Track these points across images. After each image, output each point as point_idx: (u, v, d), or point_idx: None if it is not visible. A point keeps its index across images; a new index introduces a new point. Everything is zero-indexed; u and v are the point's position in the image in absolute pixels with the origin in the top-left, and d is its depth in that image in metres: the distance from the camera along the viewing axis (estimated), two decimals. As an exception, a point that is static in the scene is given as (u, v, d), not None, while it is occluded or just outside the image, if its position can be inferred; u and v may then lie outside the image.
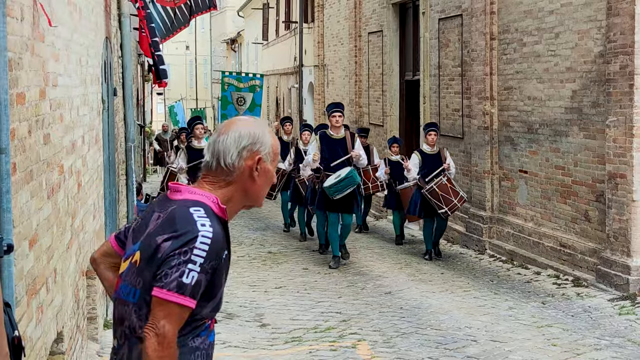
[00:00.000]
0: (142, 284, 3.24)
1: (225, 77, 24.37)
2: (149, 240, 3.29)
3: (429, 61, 18.24)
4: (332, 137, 14.21)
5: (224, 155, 3.33)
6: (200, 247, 3.17)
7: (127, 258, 3.41)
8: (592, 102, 12.18)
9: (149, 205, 3.57)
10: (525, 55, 14.13)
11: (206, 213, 3.26)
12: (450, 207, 14.42)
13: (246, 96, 23.73)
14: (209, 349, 3.37)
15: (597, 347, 8.86)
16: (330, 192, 13.51)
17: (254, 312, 10.81)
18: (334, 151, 14.07)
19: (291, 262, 14.64)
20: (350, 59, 24.21)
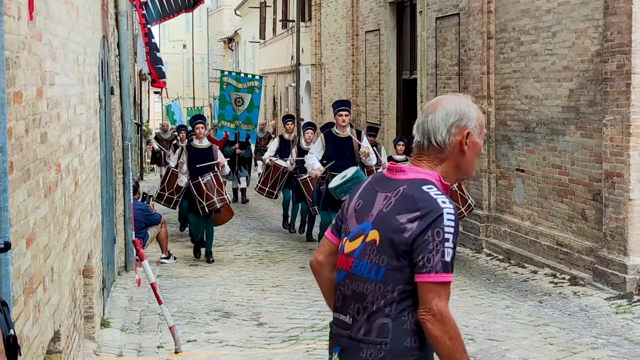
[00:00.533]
0: (387, 262, 3.47)
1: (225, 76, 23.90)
2: (387, 220, 3.49)
3: (426, 60, 18.24)
4: (338, 135, 13.86)
5: (434, 134, 3.52)
6: (448, 224, 3.39)
7: (354, 237, 3.62)
8: (589, 101, 12.19)
9: (366, 185, 3.73)
10: (523, 54, 14.14)
11: (438, 190, 3.48)
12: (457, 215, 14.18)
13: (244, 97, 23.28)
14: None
15: (594, 346, 8.87)
16: (336, 193, 13.00)
17: (251, 310, 10.81)
18: (340, 150, 13.77)
19: (288, 261, 14.64)
20: (348, 57, 24.23)
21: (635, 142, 11.08)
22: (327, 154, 13.81)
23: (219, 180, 14.60)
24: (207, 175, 14.46)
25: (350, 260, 3.61)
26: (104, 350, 8.65)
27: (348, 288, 3.59)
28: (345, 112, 13.80)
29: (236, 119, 22.89)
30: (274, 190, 18.11)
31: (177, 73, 71.26)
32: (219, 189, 14.45)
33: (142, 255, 9.05)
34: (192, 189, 14.43)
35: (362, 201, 3.67)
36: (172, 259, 14.66)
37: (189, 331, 9.73)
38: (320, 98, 28.04)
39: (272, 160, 18.17)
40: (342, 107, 13.95)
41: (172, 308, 10.36)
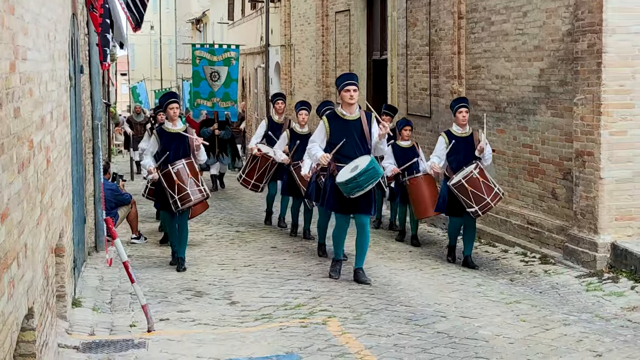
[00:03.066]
0: None
1: (196, 50, 22.02)
2: None
3: (396, 40, 18.23)
4: (345, 117, 11.12)
5: None
6: None
7: None
8: (559, 80, 12.24)
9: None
10: (494, 34, 14.16)
11: None
12: (482, 206, 11.79)
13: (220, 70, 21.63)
14: None
15: (565, 323, 8.93)
16: (347, 190, 10.66)
17: (223, 290, 10.78)
18: (348, 136, 11.04)
19: (259, 241, 14.62)
20: (317, 38, 24.16)
21: (606, 121, 11.15)
22: (332, 142, 11.11)
23: (193, 169, 12.18)
24: (178, 162, 12.01)
25: None
26: (76, 329, 8.61)
27: None
28: (353, 88, 11.06)
29: (213, 95, 21.51)
30: (261, 183, 15.86)
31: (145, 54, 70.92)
32: (194, 180, 12.07)
33: (114, 234, 8.99)
34: (162, 180, 12.07)
35: None
36: (143, 239, 14.60)
37: (161, 310, 9.69)
38: (289, 79, 27.97)
39: (260, 151, 15.62)
40: (349, 82, 11.12)
41: (144, 288, 10.31)
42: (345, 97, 11.07)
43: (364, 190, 10.60)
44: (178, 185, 11.92)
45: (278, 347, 8.09)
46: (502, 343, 8.14)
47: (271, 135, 15.74)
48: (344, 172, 10.78)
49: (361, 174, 10.51)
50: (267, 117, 16.85)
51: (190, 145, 12.32)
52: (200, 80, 21.80)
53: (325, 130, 11.17)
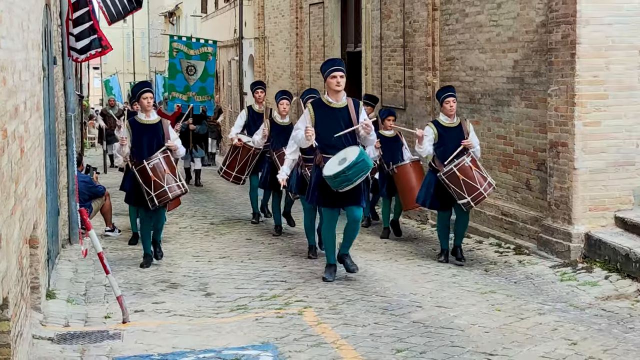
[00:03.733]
0: None
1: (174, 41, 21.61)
2: None
3: (370, 32, 18.23)
4: (331, 105, 10.50)
5: None
6: None
7: None
8: (533, 71, 12.28)
9: None
10: (468, 25, 14.18)
11: None
12: (475, 197, 11.30)
13: (197, 65, 21.06)
14: None
15: (540, 312, 8.98)
16: (335, 184, 10.06)
17: (198, 281, 10.76)
18: (335, 125, 10.39)
19: (234, 233, 14.59)
20: (291, 30, 24.12)
21: (580, 111, 11.19)
22: (318, 131, 10.44)
23: (170, 163, 11.57)
24: (154, 157, 11.40)
25: None
26: (51, 320, 8.57)
27: None
28: (340, 74, 10.38)
29: (189, 89, 21.01)
30: (242, 175, 15.18)
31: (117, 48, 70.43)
32: (171, 175, 11.48)
33: (88, 225, 8.94)
34: (137, 176, 11.48)
35: None
36: (117, 232, 14.53)
37: (136, 302, 9.66)
38: (263, 72, 27.92)
39: (241, 140, 15.03)
40: (335, 67, 10.45)
41: (119, 279, 10.26)
42: (332, 84, 10.43)
43: (354, 184, 10.04)
44: (154, 181, 11.31)
45: (254, 337, 8.10)
46: (478, 332, 8.18)
47: (252, 125, 15.09)
48: (331, 164, 10.15)
49: (350, 167, 9.92)
50: (247, 107, 16.06)
51: (166, 137, 11.65)
52: (177, 73, 21.24)
53: (310, 117, 10.54)
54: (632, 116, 11.33)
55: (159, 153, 11.49)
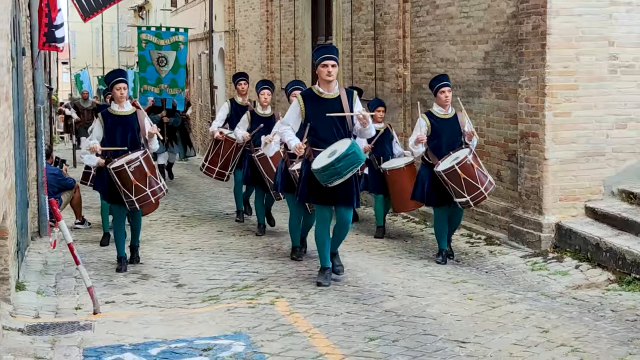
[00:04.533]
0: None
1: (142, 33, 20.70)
2: None
3: (341, 25, 18.21)
4: (322, 96, 9.70)
5: None
6: None
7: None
8: (504, 62, 12.31)
9: None
10: (438, 17, 14.20)
11: None
12: (475, 197, 10.66)
13: (168, 55, 20.17)
14: None
15: (512, 301, 9.01)
16: (324, 178, 9.36)
17: (170, 272, 10.72)
18: (326, 117, 9.60)
19: (205, 225, 14.54)
20: (262, 24, 24.07)
21: (550, 102, 11.23)
22: (308, 123, 9.72)
23: (150, 164, 10.61)
24: (135, 160, 10.41)
25: None
26: (20, 312, 8.51)
27: None
28: (332, 62, 9.60)
29: (160, 82, 20.25)
30: (226, 170, 14.35)
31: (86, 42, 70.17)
32: (153, 177, 10.56)
33: (58, 215, 8.86)
34: (115, 179, 10.47)
35: None
36: (87, 224, 14.44)
37: (107, 293, 9.60)
38: (234, 65, 27.82)
39: (223, 133, 14.21)
40: (327, 55, 9.67)
41: (89, 271, 10.15)
42: (323, 73, 9.63)
43: (343, 178, 9.32)
44: (136, 185, 10.43)
45: (226, 327, 8.08)
46: (450, 320, 8.21)
47: (235, 118, 14.18)
48: (320, 157, 9.45)
49: (339, 160, 9.19)
50: (230, 100, 15.06)
51: (141, 131, 10.80)
52: (147, 65, 20.44)
53: (299, 109, 9.73)
54: (602, 107, 11.39)
55: (140, 154, 10.50)
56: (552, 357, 7.10)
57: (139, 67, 21.06)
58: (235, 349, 7.36)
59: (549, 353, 7.21)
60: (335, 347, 7.37)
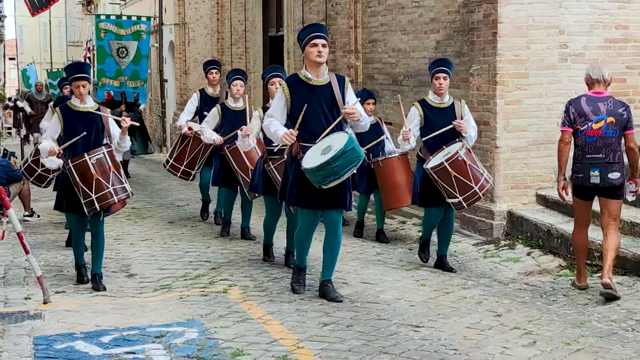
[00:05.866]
0: (619, 130, 8.60)
1: (101, 22, 19.43)
2: (615, 111, 8.57)
3: (292, 16, 18.16)
4: (311, 82, 8.34)
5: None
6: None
7: (598, 121, 8.57)
8: (455, 51, 12.34)
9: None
10: (390, 7, 14.20)
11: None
12: (468, 197, 9.54)
13: (129, 45, 19.06)
14: None
15: (465, 287, 9.06)
16: (318, 178, 8.03)
17: (121, 263, 10.61)
18: (315, 106, 8.32)
19: (156, 216, 14.41)
20: (212, 16, 23.94)
21: (501, 90, 11.29)
22: (295, 115, 8.36)
23: (114, 160, 9.34)
24: (97, 152, 9.13)
25: (592, 132, 8.58)
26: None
27: (602, 142, 8.56)
28: (322, 42, 8.30)
29: (120, 74, 19.23)
30: (192, 169, 13.24)
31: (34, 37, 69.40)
32: (116, 174, 9.25)
33: (7, 204, 8.71)
34: (73, 174, 9.07)
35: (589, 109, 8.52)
36: (36, 217, 14.25)
37: (57, 283, 9.48)
38: (184, 58, 27.65)
39: (191, 129, 13.06)
40: (316, 33, 8.35)
41: (39, 262, 10.03)
42: (312, 54, 8.30)
43: (341, 179, 8.04)
44: (97, 181, 9.02)
45: (179, 314, 8.01)
46: (404, 306, 8.21)
47: (205, 111, 13.07)
48: (312, 154, 8.14)
49: (337, 158, 7.88)
50: (199, 90, 13.78)
51: (105, 129, 9.45)
52: (106, 56, 19.35)
53: (285, 98, 8.39)
54: (553, 95, 11.48)
55: (104, 147, 9.26)
56: (506, 340, 7.13)
57: (97, 59, 19.80)
58: (188, 336, 7.30)
59: (502, 336, 7.25)
60: (289, 333, 7.34)
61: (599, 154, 8.58)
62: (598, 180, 8.60)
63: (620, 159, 8.64)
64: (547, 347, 6.93)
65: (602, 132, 8.58)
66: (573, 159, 8.83)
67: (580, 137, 8.71)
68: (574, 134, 8.76)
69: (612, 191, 8.68)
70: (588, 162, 8.65)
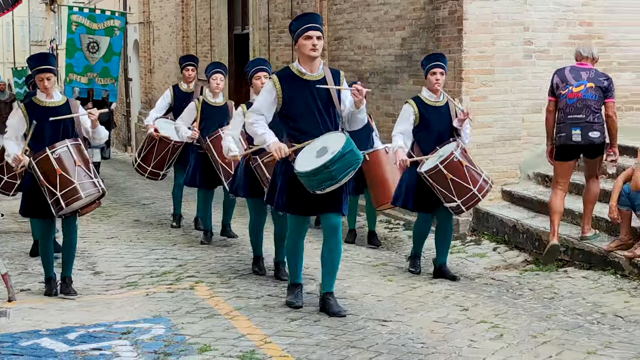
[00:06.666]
0: (598, 95, 9.24)
1: (74, 14, 18.28)
2: (596, 79, 9.28)
3: (258, 14, 18.13)
4: (304, 77, 7.66)
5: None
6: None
7: (578, 85, 9.25)
8: (421, 48, 12.37)
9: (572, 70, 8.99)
10: (355, 4, 14.22)
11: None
12: (466, 200, 8.95)
13: (101, 41, 17.98)
14: None
15: (432, 282, 9.10)
16: (314, 183, 7.37)
17: (86, 261, 10.54)
18: (309, 103, 7.64)
19: (121, 215, 14.33)
20: (177, 14, 23.84)
21: (467, 87, 11.36)
22: (286, 112, 7.71)
23: (82, 153, 8.47)
24: (60, 145, 8.35)
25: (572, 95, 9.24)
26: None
27: (581, 103, 9.18)
28: (317, 34, 7.60)
29: (90, 70, 18.21)
30: (161, 170, 12.69)
31: (-4, 36, 68.81)
32: (83, 168, 8.37)
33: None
34: (37, 172, 8.31)
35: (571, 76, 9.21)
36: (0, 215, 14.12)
37: (22, 281, 9.42)
38: (149, 57, 27.51)
39: (157, 131, 12.43)
40: (310, 25, 7.62)
41: (3, 260, 9.93)
42: (305, 47, 7.60)
43: (338, 184, 7.39)
44: (61, 176, 8.24)
45: (145, 311, 7.99)
46: (371, 300, 8.25)
47: (179, 108, 12.39)
48: (306, 156, 7.47)
49: (334, 161, 7.20)
50: (172, 86, 13.14)
51: (75, 125, 8.67)
52: (75, 50, 18.27)
53: (275, 93, 7.65)
54: (518, 91, 11.56)
55: (69, 141, 8.44)
56: (473, 333, 7.16)
57: (66, 53, 18.63)
58: (155, 332, 7.27)
59: (469, 329, 7.28)
60: (256, 328, 7.34)
61: (580, 114, 9.22)
62: (580, 139, 9.20)
63: (600, 120, 9.25)
64: (514, 340, 6.98)
65: (582, 94, 9.24)
66: (556, 122, 9.41)
67: (561, 101, 9.37)
68: (556, 100, 9.45)
69: (592, 150, 9.30)
70: (570, 122, 9.26)
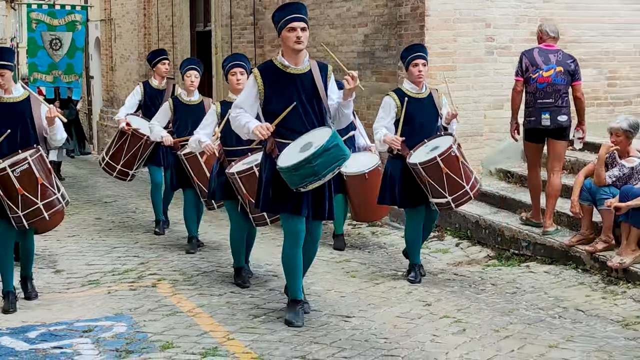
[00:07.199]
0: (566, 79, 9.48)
1: (33, 11, 17.91)
2: (564, 62, 9.52)
3: (220, 11, 18.06)
4: (288, 70, 7.26)
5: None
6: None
7: (548, 70, 9.46)
8: (384, 45, 12.39)
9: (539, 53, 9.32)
10: (318, 1, 14.20)
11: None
12: (457, 197, 8.53)
13: (63, 37, 17.63)
14: None
15: (395, 278, 9.12)
16: (296, 179, 6.97)
17: (47, 259, 10.46)
18: (296, 99, 7.22)
19: (83, 213, 14.21)
20: (139, 11, 23.67)
21: (429, 83, 11.30)
22: (269, 108, 7.28)
23: (45, 166, 7.84)
24: (22, 162, 7.66)
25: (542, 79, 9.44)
26: None
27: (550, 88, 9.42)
28: (302, 25, 7.24)
29: (54, 68, 17.82)
30: (130, 169, 12.05)
31: (-45, 34, 68.06)
32: (47, 184, 7.82)
33: None
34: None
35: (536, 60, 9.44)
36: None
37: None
38: (110, 54, 27.29)
39: (130, 125, 11.89)
40: (294, 15, 7.25)
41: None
42: (289, 40, 7.21)
43: (322, 181, 7.00)
44: (23, 196, 7.68)
45: (107, 309, 7.96)
46: (334, 296, 8.26)
47: (150, 105, 12.07)
48: (289, 152, 7.08)
49: (317, 155, 6.82)
50: (142, 83, 12.69)
51: (35, 122, 7.95)
52: (38, 49, 17.84)
53: (257, 88, 7.26)
54: (479, 87, 11.61)
55: (29, 154, 7.72)
56: (436, 328, 7.19)
57: (28, 52, 18.30)
58: (117, 330, 7.25)
59: (432, 324, 7.31)
60: (219, 325, 7.33)
61: (549, 99, 9.50)
62: (549, 123, 9.51)
63: (567, 104, 9.59)
64: (477, 335, 7.00)
65: (552, 79, 9.51)
66: (525, 104, 9.67)
67: (532, 84, 9.61)
68: (525, 82, 9.65)
69: (559, 132, 9.60)
70: (539, 106, 9.55)
